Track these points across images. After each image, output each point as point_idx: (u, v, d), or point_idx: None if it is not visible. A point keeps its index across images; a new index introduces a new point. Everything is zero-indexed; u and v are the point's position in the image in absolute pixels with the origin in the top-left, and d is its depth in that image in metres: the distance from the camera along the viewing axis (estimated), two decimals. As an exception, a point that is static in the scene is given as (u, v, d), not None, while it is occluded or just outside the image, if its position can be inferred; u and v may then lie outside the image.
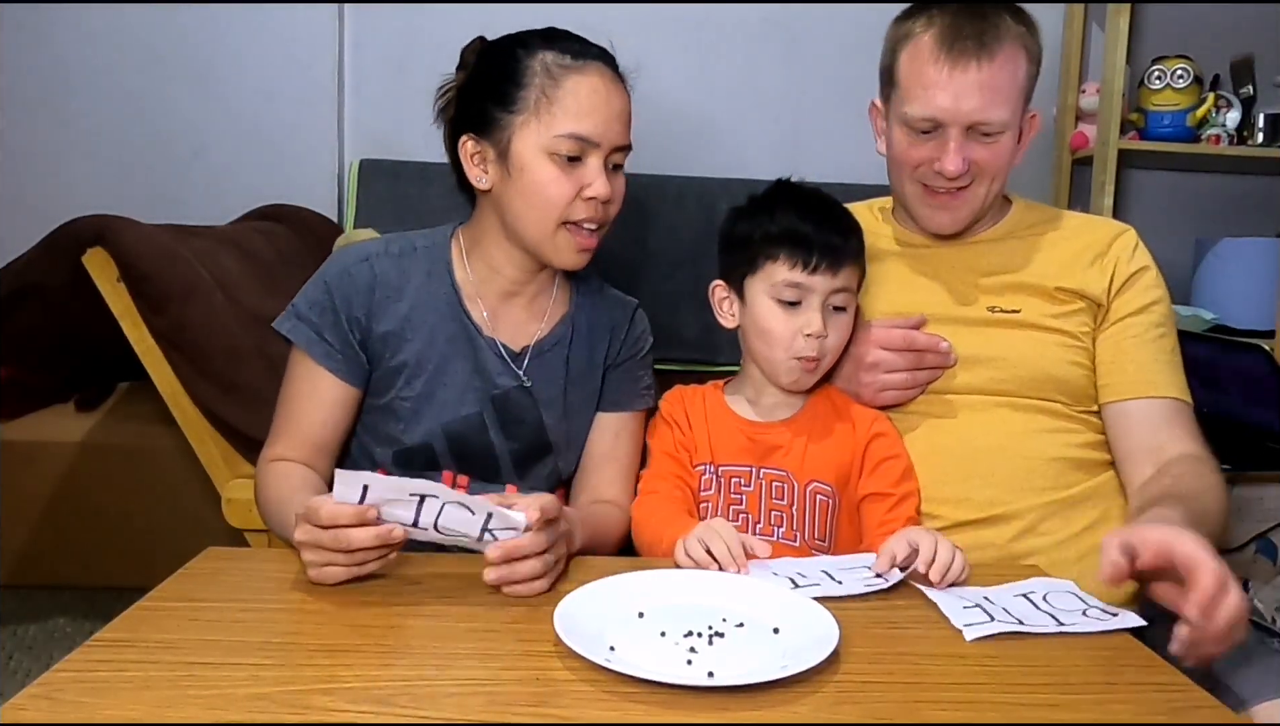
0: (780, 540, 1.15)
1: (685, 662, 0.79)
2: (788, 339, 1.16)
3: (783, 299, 1.16)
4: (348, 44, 2.34)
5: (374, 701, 0.72)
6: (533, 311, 1.27)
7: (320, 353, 1.19)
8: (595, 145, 1.16)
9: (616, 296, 1.35)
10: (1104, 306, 1.24)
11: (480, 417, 1.22)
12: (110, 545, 2.24)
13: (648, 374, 1.35)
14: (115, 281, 1.46)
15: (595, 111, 1.15)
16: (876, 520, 1.15)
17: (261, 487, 1.18)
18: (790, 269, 1.14)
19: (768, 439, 1.19)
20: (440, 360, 1.21)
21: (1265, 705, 0.91)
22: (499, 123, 1.16)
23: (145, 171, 2.32)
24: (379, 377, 1.22)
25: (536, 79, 1.15)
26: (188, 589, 0.94)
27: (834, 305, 1.16)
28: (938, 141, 1.20)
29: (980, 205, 1.24)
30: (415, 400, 1.21)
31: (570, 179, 1.15)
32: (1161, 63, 2.27)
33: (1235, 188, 2.54)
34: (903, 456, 1.19)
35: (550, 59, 1.16)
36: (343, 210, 2.32)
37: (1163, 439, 1.18)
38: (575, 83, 1.15)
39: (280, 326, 1.20)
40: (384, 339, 1.20)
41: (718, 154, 2.37)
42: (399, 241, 1.25)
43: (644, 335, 1.35)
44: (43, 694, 0.71)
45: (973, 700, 0.77)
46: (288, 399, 1.21)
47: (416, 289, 1.22)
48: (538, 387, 1.25)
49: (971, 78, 1.16)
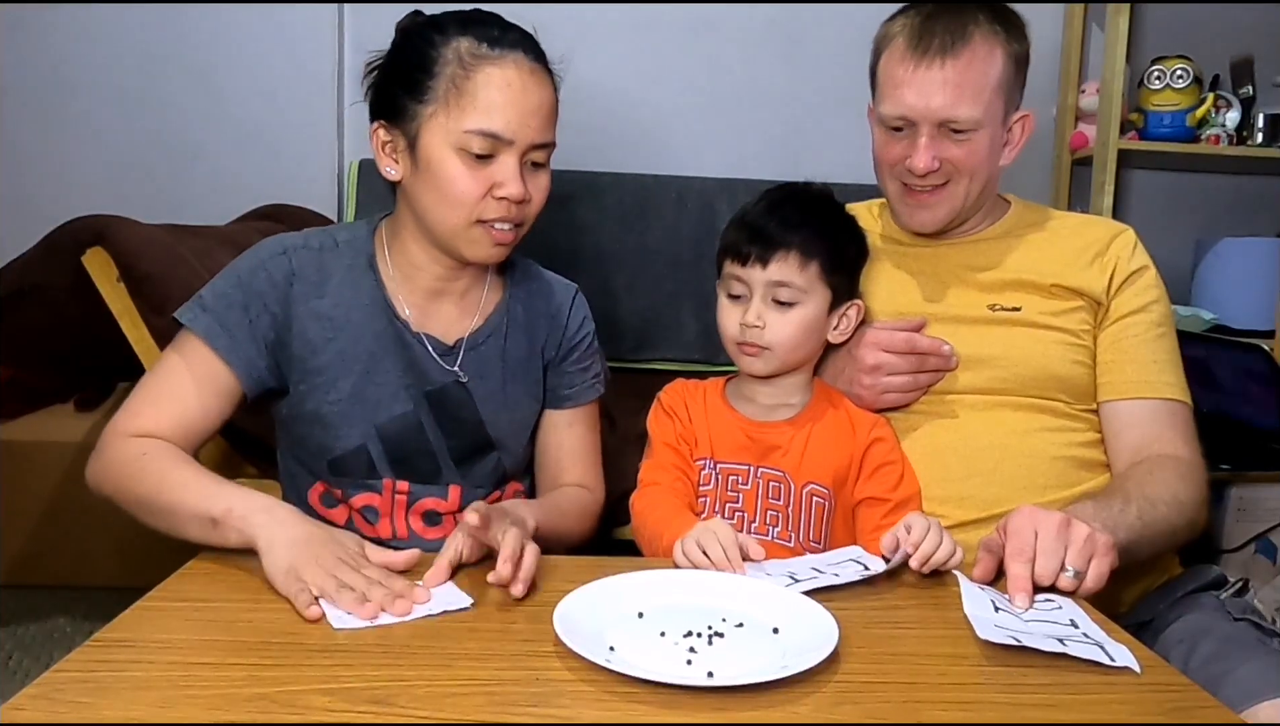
0: (775, 540, 1.15)
1: (685, 662, 0.79)
2: (728, 330, 1.19)
3: (731, 293, 1.19)
4: (348, 44, 2.34)
5: (374, 701, 0.72)
6: (464, 307, 1.21)
7: (221, 345, 1.10)
8: (508, 143, 1.08)
9: (554, 281, 1.29)
10: (1104, 305, 1.24)
11: (415, 416, 1.17)
12: (110, 545, 2.23)
13: (596, 362, 1.30)
14: (115, 281, 1.46)
15: (509, 106, 1.07)
16: (872, 525, 1.15)
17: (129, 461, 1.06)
18: (731, 262, 1.18)
19: (767, 438, 1.19)
20: (368, 358, 1.15)
21: (1265, 705, 0.91)
22: (408, 112, 1.09)
23: (145, 171, 2.33)
24: (301, 381, 1.15)
25: (448, 68, 1.07)
26: (188, 589, 0.94)
27: (775, 298, 1.16)
28: (910, 140, 1.21)
29: (960, 203, 1.25)
30: (344, 403, 1.15)
31: (480, 177, 1.08)
32: (1161, 63, 2.27)
33: (1235, 188, 2.55)
34: (900, 462, 1.19)
35: (465, 47, 1.07)
36: (342, 210, 2.32)
37: (1152, 439, 1.19)
38: (487, 75, 1.07)
39: (181, 316, 1.12)
40: (303, 338, 1.13)
41: (718, 154, 2.37)
42: (319, 235, 1.19)
43: (585, 322, 1.29)
44: (43, 694, 0.71)
45: (973, 700, 0.77)
46: (170, 378, 1.11)
47: (338, 285, 1.15)
48: (474, 382, 1.20)
49: (936, 75, 1.17)
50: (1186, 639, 1.06)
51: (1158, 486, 1.12)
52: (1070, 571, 0.94)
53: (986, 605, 0.91)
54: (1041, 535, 0.95)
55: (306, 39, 2.32)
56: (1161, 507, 1.10)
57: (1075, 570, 0.94)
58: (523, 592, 0.91)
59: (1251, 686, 0.93)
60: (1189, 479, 1.16)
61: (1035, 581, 0.93)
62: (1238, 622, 1.09)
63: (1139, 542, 1.06)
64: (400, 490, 1.18)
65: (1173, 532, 1.13)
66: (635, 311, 2.18)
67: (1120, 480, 1.16)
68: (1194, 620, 1.10)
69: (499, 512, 0.99)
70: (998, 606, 0.92)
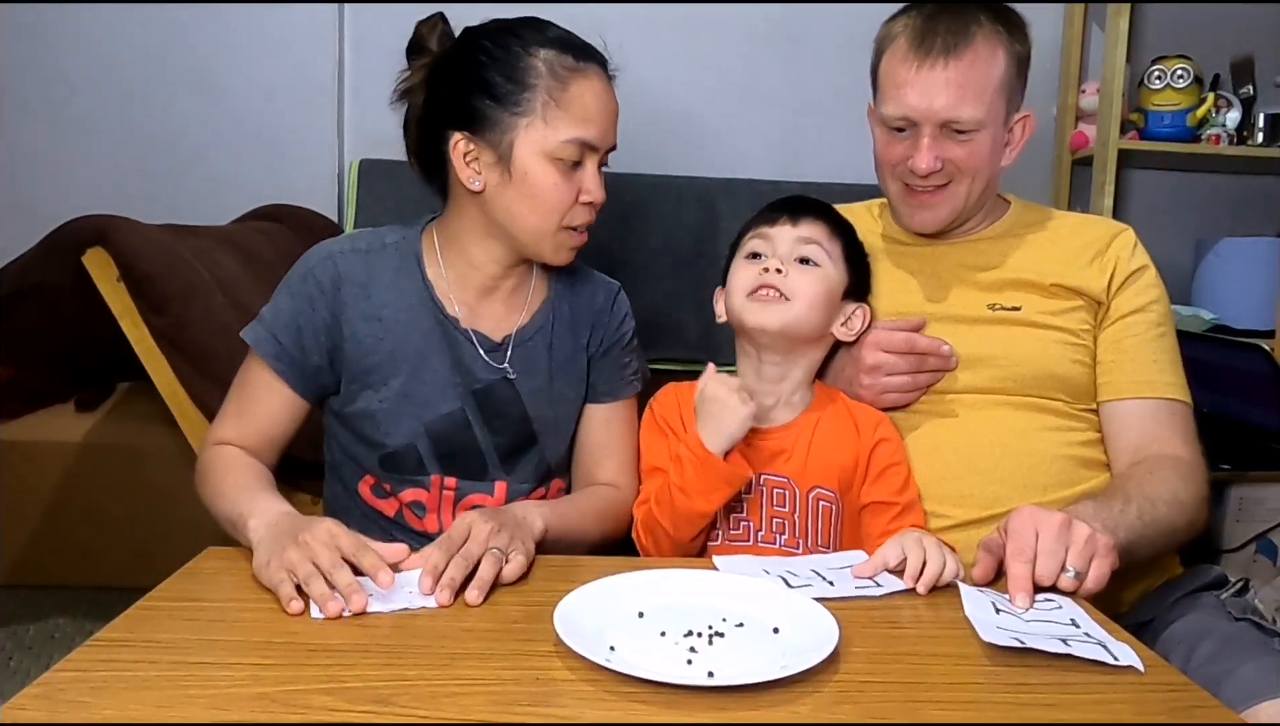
0: (783, 547, 1.14)
1: (685, 662, 0.79)
2: (745, 283, 1.16)
3: (751, 252, 1.19)
4: (348, 44, 2.34)
5: (374, 701, 0.72)
6: (512, 304, 1.25)
7: (274, 356, 1.16)
8: (595, 150, 1.15)
9: (598, 278, 1.33)
10: (1104, 305, 1.24)
11: (463, 413, 1.20)
12: (110, 545, 2.24)
13: (635, 359, 1.33)
14: (115, 281, 1.46)
15: (600, 117, 1.14)
16: (879, 529, 1.13)
17: (208, 468, 1.15)
18: (756, 227, 1.19)
19: (769, 444, 1.17)
20: (417, 357, 1.18)
21: (1265, 705, 0.91)
22: (500, 124, 1.13)
23: (145, 172, 2.32)
24: (353, 381, 1.18)
25: (542, 80, 1.12)
26: (188, 589, 0.94)
27: (800, 256, 1.16)
28: (912, 140, 1.21)
29: (961, 204, 1.25)
30: (393, 401, 1.18)
31: (570, 183, 1.14)
32: (1161, 63, 2.27)
33: (1235, 188, 2.54)
34: (904, 463, 1.18)
35: (553, 58, 1.13)
36: (343, 210, 2.32)
37: (1151, 439, 1.19)
38: (580, 87, 1.13)
39: (244, 334, 1.18)
40: (355, 340, 1.17)
41: (718, 154, 2.37)
42: (367, 237, 1.22)
43: (627, 318, 1.32)
44: (43, 694, 0.71)
45: (973, 700, 0.77)
46: (243, 389, 1.19)
47: (386, 286, 1.19)
48: (521, 378, 1.22)
49: (939, 75, 1.17)
50: (1187, 639, 1.06)
51: (1158, 486, 1.12)
52: (1071, 572, 0.94)
53: (987, 607, 0.91)
54: (1042, 535, 0.95)
55: (306, 39, 2.32)
56: (1162, 508, 1.10)
57: (1076, 571, 0.94)
58: (477, 599, 0.91)
59: (1252, 686, 0.93)
60: (1189, 479, 1.16)
61: (1036, 581, 0.93)
62: (1238, 622, 1.09)
63: (1139, 543, 1.06)
64: (448, 486, 1.20)
65: (1173, 533, 1.13)
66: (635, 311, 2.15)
67: (1120, 480, 1.16)
68: (1194, 620, 1.10)
69: (507, 517, 1.01)
70: (999, 608, 0.91)
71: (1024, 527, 0.96)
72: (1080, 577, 0.94)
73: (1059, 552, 0.94)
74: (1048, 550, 0.94)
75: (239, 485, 1.10)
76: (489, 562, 0.94)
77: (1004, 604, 0.93)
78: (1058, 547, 0.94)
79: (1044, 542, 0.94)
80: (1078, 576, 0.94)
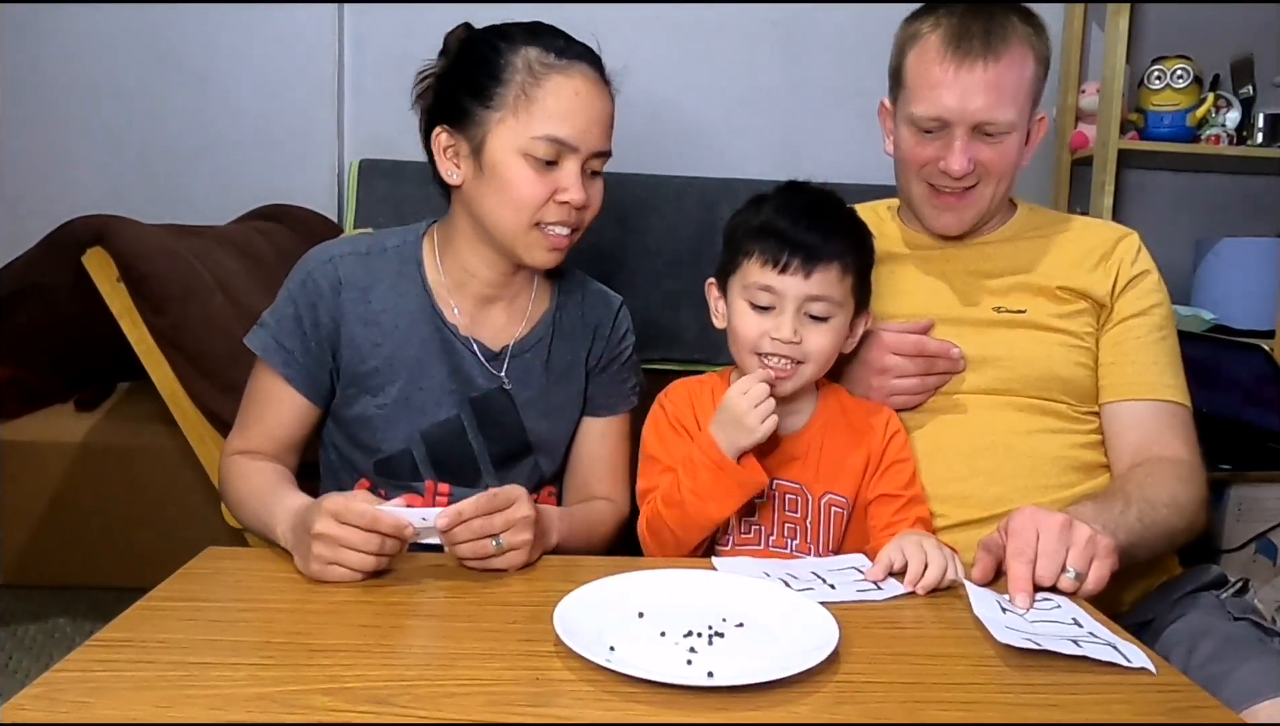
0: (795, 553, 1.14)
1: (685, 662, 0.79)
2: (753, 339, 1.10)
3: (756, 303, 1.10)
4: (348, 44, 2.34)
5: (374, 701, 0.72)
6: (512, 314, 1.24)
7: (280, 363, 1.17)
8: (573, 150, 1.12)
9: (600, 292, 1.32)
10: (1107, 307, 1.24)
11: (459, 421, 1.20)
12: (110, 545, 2.23)
13: (634, 375, 1.33)
14: (115, 281, 1.46)
15: (576, 115, 1.12)
16: (883, 522, 1.13)
17: (230, 480, 1.17)
18: (762, 267, 1.08)
19: (781, 451, 1.15)
20: (415, 364, 1.18)
21: (1265, 705, 0.91)
22: (474, 118, 1.13)
23: (145, 171, 2.32)
24: (350, 385, 1.18)
25: (517, 76, 1.11)
26: (188, 589, 0.94)
27: (810, 313, 1.09)
28: (943, 141, 1.20)
29: (986, 206, 1.24)
30: (391, 407, 1.18)
31: (544, 181, 1.12)
32: (1161, 63, 2.27)
33: (1235, 188, 2.54)
34: (911, 458, 1.18)
35: (533, 56, 1.12)
36: (343, 210, 2.32)
37: (1152, 441, 1.19)
38: (557, 84, 1.11)
39: (248, 340, 1.19)
40: (352, 344, 1.17)
41: (718, 154, 2.37)
42: (367, 241, 1.22)
43: (628, 334, 1.32)
44: (43, 694, 0.71)
45: (973, 700, 0.77)
46: (253, 397, 1.20)
47: (386, 290, 1.18)
48: (517, 389, 1.22)
49: (978, 77, 1.16)
50: (1187, 639, 1.06)
51: (1158, 488, 1.12)
52: (1071, 573, 0.94)
53: (994, 606, 0.91)
54: (1043, 536, 0.95)
55: (306, 39, 2.32)
56: (1161, 509, 1.10)
57: (1076, 571, 0.94)
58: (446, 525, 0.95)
59: (1252, 686, 0.93)
60: (1189, 481, 1.16)
61: (1036, 582, 0.93)
62: (1238, 622, 1.09)
63: (1139, 544, 1.06)
64: (441, 492, 1.21)
65: (1172, 534, 1.13)
66: (635, 311, 2.15)
67: (1120, 482, 1.16)
68: (1194, 620, 1.10)
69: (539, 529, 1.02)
70: (1003, 608, 0.92)
71: (1025, 528, 0.96)
72: (1080, 578, 0.94)
73: (1060, 553, 0.94)
74: (1048, 551, 0.94)
75: (254, 491, 1.12)
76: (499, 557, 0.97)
77: (1007, 604, 0.93)
78: (1059, 548, 0.94)
79: (1045, 543, 0.94)
80: (1078, 577, 0.94)
